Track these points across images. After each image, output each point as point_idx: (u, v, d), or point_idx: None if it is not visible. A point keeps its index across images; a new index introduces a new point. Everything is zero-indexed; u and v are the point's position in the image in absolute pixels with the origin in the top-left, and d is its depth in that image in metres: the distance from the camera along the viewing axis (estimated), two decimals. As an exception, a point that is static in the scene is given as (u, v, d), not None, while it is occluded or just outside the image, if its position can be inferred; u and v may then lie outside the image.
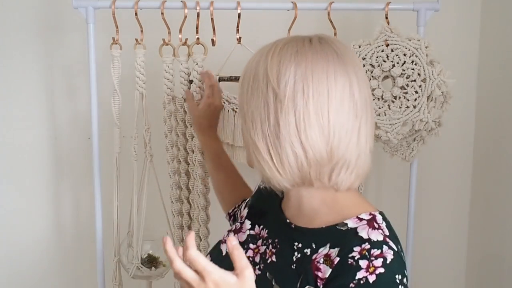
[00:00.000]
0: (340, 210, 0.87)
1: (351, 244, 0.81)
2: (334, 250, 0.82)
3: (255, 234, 0.98)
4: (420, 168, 1.42)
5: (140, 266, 1.29)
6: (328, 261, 0.82)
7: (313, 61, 0.81)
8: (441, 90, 1.21)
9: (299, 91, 0.80)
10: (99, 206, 1.32)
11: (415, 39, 1.24)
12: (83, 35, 1.27)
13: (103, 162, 1.33)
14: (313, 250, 0.85)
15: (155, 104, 1.35)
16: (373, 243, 0.80)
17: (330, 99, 0.80)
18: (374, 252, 0.79)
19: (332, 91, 0.81)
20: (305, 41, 0.84)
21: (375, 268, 0.78)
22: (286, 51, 0.83)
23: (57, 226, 1.64)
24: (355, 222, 0.84)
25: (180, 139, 1.33)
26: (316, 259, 0.84)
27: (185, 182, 1.35)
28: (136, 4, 1.23)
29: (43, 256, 1.65)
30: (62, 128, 1.59)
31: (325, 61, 0.82)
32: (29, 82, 1.56)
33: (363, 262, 0.78)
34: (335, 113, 0.80)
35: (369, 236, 0.81)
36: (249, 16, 1.28)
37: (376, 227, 0.83)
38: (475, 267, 1.68)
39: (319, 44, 0.84)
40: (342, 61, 0.83)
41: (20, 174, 1.60)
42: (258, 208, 1.03)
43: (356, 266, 0.78)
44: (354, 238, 0.82)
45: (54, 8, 1.52)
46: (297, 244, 0.88)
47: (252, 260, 0.94)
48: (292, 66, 0.81)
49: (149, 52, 1.28)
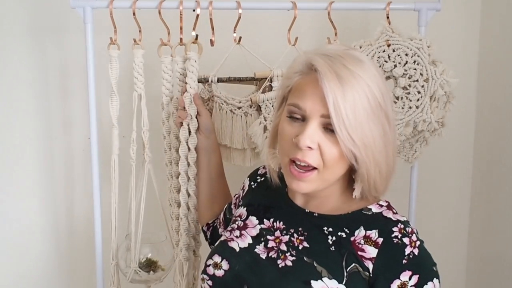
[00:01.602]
0: (358, 200, 0.98)
1: (388, 226, 0.93)
2: (373, 231, 0.93)
3: (268, 227, 1.02)
4: (420, 168, 1.41)
5: (138, 270, 1.27)
6: (370, 242, 0.92)
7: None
8: (444, 90, 1.20)
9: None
10: (98, 208, 1.31)
11: (417, 39, 1.23)
12: (81, 35, 1.26)
13: (102, 163, 1.32)
14: (347, 233, 0.95)
15: (153, 105, 1.34)
16: (403, 223, 0.94)
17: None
18: (408, 230, 0.93)
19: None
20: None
21: (415, 242, 0.92)
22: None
23: (55, 227, 1.63)
24: (377, 208, 0.97)
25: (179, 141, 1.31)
26: (356, 240, 0.93)
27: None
28: (134, 4, 1.22)
29: (41, 258, 1.64)
30: (60, 129, 1.58)
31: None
32: (27, 82, 1.55)
33: (406, 239, 0.91)
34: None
35: (397, 218, 0.95)
36: (249, 16, 1.27)
37: (395, 212, 0.97)
38: (475, 267, 1.68)
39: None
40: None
41: (17, 175, 1.59)
42: (258, 205, 1.07)
43: (402, 244, 0.91)
44: (386, 221, 0.94)
45: (52, 8, 1.51)
46: (327, 229, 0.96)
47: (277, 248, 0.98)
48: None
49: (148, 52, 1.27)
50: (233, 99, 1.32)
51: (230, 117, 1.32)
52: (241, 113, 1.32)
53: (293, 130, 0.92)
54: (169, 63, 1.27)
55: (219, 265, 1.00)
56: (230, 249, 1.01)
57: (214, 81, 1.30)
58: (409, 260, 0.90)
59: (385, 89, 0.92)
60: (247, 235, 1.02)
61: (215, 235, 1.26)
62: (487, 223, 1.61)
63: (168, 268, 1.31)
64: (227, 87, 1.34)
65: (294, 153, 0.91)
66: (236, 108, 1.32)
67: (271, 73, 1.29)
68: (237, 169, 1.39)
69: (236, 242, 1.02)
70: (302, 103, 0.90)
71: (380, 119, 0.90)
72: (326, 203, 0.99)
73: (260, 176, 1.15)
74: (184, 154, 1.25)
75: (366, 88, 0.88)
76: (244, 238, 1.02)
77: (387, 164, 0.93)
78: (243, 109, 1.32)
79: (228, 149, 1.36)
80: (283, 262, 0.95)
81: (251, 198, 1.10)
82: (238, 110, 1.32)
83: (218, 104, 1.32)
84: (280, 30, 1.31)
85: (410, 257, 0.90)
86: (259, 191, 1.11)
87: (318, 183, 0.93)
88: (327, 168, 0.91)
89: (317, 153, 0.90)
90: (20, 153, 1.58)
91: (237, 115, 1.32)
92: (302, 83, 0.92)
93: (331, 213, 0.97)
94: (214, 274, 0.99)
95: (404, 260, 0.90)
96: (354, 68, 0.88)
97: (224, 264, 0.99)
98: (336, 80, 0.86)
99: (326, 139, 0.89)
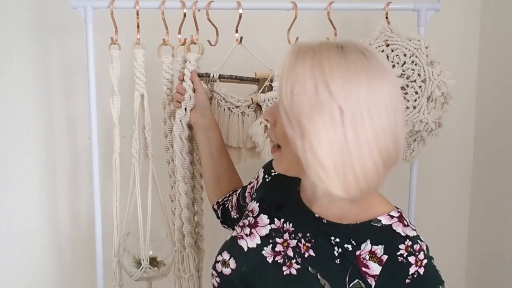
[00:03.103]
0: (369, 207, 0.94)
1: (395, 242, 0.89)
2: (378, 247, 0.89)
3: (277, 228, 1.00)
4: (420, 168, 1.41)
5: (149, 267, 1.27)
6: (374, 258, 0.89)
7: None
8: (441, 91, 1.21)
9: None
10: (98, 207, 1.32)
11: (415, 39, 1.23)
12: (82, 35, 1.27)
13: (104, 162, 1.32)
14: (354, 246, 0.91)
15: (155, 105, 1.35)
16: (412, 238, 0.89)
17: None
18: (416, 247, 0.89)
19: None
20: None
21: (421, 261, 0.88)
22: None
23: (56, 227, 1.64)
24: (387, 220, 0.92)
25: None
26: (361, 255, 0.90)
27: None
28: (137, 3, 1.23)
29: (41, 257, 1.65)
30: (61, 128, 1.59)
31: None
32: (28, 82, 1.55)
33: (411, 258, 0.88)
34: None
35: (406, 233, 0.90)
36: (248, 16, 1.27)
37: (406, 224, 0.92)
38: (475, 267, 1.68)
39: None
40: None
41: (18, 175, 1.60)
42: (271, 201, 1.05)
43: (407, 263, 0.87)
44: (394, 236, 0.90)
45: (53, 8, 1.52)
46: (334, 239, 0.93)
47: (284, 253, 0.97)
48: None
49: (149, 52, 1.28)
50: (232, 97, 1.32)
51: (228, 114, 1.33)
52: (238, 112, 1.32)
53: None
54: (170, 62, 1.28)
55: (227, 263, 1.00)
56: (239, 247, 1.01)
57: (216, 77, 1.31)
58: (413, 280, 0.87)
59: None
60: (256, 235, 1.01)
61: (227, 215, 1.26)
62: (487, 222, 1.61)
63: (170, 264, 1.32)
64: (230, 86, 1.34)
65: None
66: (234, 107, 1.32)
67: (272, 73, 1.29)
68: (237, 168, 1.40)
69: (245, 240, 1.01)
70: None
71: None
72: (334, 207, 0.95)
73: (274, 170, 1.12)
74: (178, 132, 1.26)
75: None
76: (253, 238, 1.01)
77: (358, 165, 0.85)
78: (241, 109, 1.32)
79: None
80: (288, 270, 0.94)
81: (264, 193, 1.08)
82: (236, 109, 1.32)
83: (217, 100, 1.32)
84: (280, 30, 1.31)
85: (414, 276, 0.87)
86: (273, 185, 1.09)
87: (285, 165, 0.92)
88: (283, 148, 0.91)
89: (274, 130, 0.92)
90: (22, 152, 1.59)
91: (234, 114, 1.32)
92: None
93: (339, 221, 0.94)
94: (222, 272, 1.00)
95: (408, 280, 0.87)
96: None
97: (231, 263, 0.99)
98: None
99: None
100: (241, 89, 1.36)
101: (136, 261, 1.30)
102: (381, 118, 0.82)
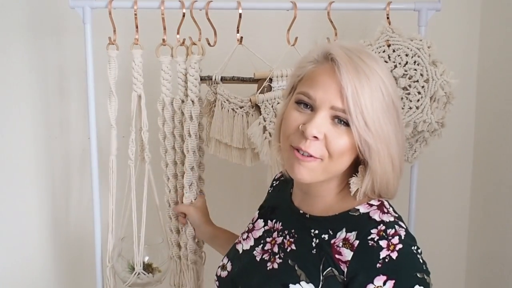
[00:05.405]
0: (352, 200, 0.93)
1: (367, 227, 0.88)
2: (352, 233, 0.88)
3: (269, 229, 1.03)
4: (420, 168, 1.41)
5: (143, 273, 1.26)
6: (347, 244, 0.88)
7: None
8: (444, 91, 1.20)
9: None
10: (97, 209, 1.31)
11: (417, 39, 1.22)
12: (80, 35, 1.26)
13: (102, 163, 1.31)
14: (330, 235, 0.91)
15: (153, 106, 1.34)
16: (387, 223, 0.87)
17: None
18: (390, 232, 0.86)
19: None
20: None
21: (394, 246, 0.85)
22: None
23: (53, 228, 1.63)
24: (366, 208, 0.91)
25: (178, 141, 1.31)
26: (335, 243, 0.89)
27: (182, 184, 1.33)
28: (135, 3, 1.21)
29: (39, 258, 1.63)
30: (59, 129, 1.58)
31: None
32: (26, 82, 1.54)
33: (383, 242, 0.85)
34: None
35: (381, 219, 0.88)
36: (248, 16, 1.26)
37: (386, 211, 0.90)
38: (475, 267, 1.68)
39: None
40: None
41: (16, 176, 1.59)
42: (267, 206, 1.08)
43: (378, 247, 0.85)
44: (368, 222, 0.89)
45: (51, 8, 1.51)
46: (314, 231, 0.93)
47: (271, 251, 0.98)
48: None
49: (147, 52, 1.26)
50: (235, 98, 1.31)
51: (232, 115, 1.32)
52: (242, 112, 1.32)
53: (300, 117, 0.89)
54: (169, 63, 1.27)
55: (225, 267, 1.03)
56: (235, 251, 1.04)
57: (218, 80, 1.30)
58: (384, 264, 0.84)
59: (396, 89, 0.91)
60: (251, 238, 1.04)
61: None
62: (487, 222, 1.61)
63: (165, 270, 1.31)
64: (233, 87, 1.33)
65: (298, 142, 0.88)
66: (238, 107, 1.32)
67: (271, 73, 1.29)
68: (238, 169, 1.39)
69: (242, 244, 1.04)
70: (312, 92, 0.87)
71: (393, 116, 0.88)
72: (320, 203, 0.96)
73: (275, 180, 1.15)
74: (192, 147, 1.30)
75: (382, 84, 0.86)
76: (248, 241, 1.04)
77: (400, 161, 0.90)
78: (245, 109, 1.31)
79: (228, 148, 1.35)
80: (272, 265, 0.95)
81: (264, 201, 1.13)
82: (240, 110, 1.31)
83: (221, 102, 1.32)
84: (280, 30, 1.30)
85: (385, 261, 0.84)
86: (273, 193, 1.13)
87: (319, 174, 0.89)
88: (332, 159, 0.88)
89: (322, 144, 0.87)
90: (19, 153, 1.58)
91: (238, 114, 1.32)
92: (315, 72, 0.89)
93: (321, 214, 0.94)
94: (220, 275, 1.03)
95: (379, 264, 0.84)
96: (371, 63, 0.87)
97: (228, 266, 1.03)
98: (354, 71, 0.85)
99: (333, 131, 0.87)
100: (244, 89, 1.35)
101: (130, 266, 1.28)
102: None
